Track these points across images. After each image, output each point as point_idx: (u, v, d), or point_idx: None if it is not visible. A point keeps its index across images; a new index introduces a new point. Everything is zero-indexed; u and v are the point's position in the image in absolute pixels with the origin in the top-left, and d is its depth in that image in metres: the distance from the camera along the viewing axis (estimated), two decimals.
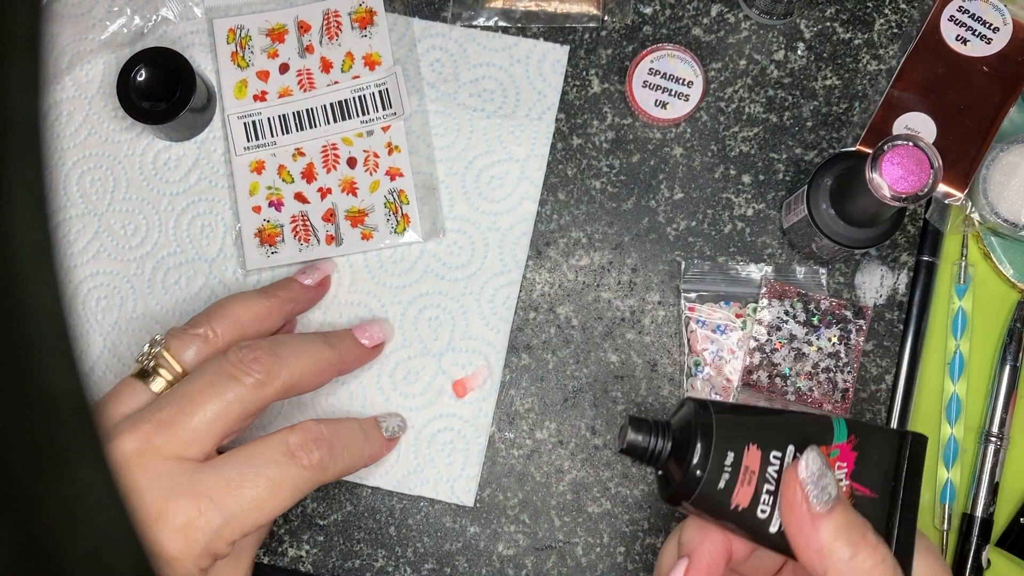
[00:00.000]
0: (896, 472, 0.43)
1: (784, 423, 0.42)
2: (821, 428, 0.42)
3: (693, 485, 0.41)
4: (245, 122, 0.65)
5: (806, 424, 0.42)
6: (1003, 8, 0.63)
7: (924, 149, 0.51)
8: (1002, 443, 0.63)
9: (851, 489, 0.42)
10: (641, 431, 0.42)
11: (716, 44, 0.66)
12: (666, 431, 0.43)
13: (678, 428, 0.43)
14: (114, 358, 0.64)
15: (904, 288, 0.63)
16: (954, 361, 0.64)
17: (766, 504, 0.41)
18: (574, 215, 0.65)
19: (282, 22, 0.66)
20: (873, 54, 0.65)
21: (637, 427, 0.42)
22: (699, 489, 0.41)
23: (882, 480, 0.43)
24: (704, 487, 0.41)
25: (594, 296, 0.64)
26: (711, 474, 0.41)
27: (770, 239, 0.64)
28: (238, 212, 0.65)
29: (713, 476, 0.41)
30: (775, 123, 0.65)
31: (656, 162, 0.65)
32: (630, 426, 0.42)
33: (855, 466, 0.42)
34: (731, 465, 0.41)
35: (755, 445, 0.41)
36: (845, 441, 0.42)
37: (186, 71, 0.62)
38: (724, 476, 0.41)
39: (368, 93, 0.65)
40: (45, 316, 0.17)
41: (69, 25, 0.66)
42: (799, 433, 0.42)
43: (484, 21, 0.66)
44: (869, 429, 0.43)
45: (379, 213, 0.64)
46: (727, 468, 0.41)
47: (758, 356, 0.61)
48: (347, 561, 0.63)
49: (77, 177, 0.66)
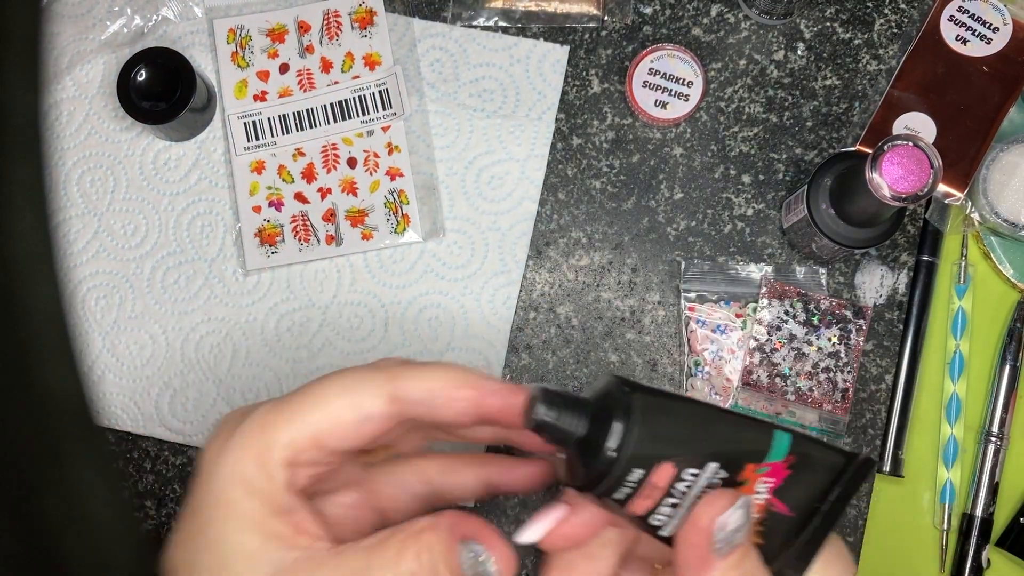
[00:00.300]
0: (826, 495, 0.38)
1: (716, 432, 0.37)
2: (757, 442, 0.37)
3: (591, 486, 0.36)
4: (245, 122, 0.65)
5: (741, 435, 0.37)
6: (1003, 8, 0.63)
7: (924, 149, 0.51)
8: (1002, 443, 0.63)
9: (768, 504, 0.38)
10: (555, 408, 0.36)
11: (716, 44, 0.66)
12: (583, 412, 0.36)
13: (596, 412, 0.37)
14: (113, 358, 0.64)
15: (904, 288, 0.63)
16: (954, 361, 0.64)
17: (663, 515, 0.37)
18: (574, 215, 0.65)
19: (282, 22, 0.66)
20: (873, 54, 0.65)
21: (550, 402, 0.36)
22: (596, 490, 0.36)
23: (807, 501, 0.38)
24: (602, 490, 0.36)
25: (594, 296, 0.64)
26: (613, 483, 0.36)
27: (770, 239, 0.64)
28: (238, 212, 0.65)
29: (613, 485, 0.36)
30: (775, 123, 0.65)
31: (656, 162, 0.65)
32: (542, 400, 0.36)
33: (783, 483, 0.38)
34: (636, 482, 0.36)
35: (671, 463, 0.36)
36: (782, 460, 0.37)
37: (186, 71, 0.62)
38: (625, 489, 0.36)
39: (368, 93, 0.65)
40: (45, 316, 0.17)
41: (69, 25, 0.66)
42: (729, 445, 0.37)
43: (484, 21, 0.66)
44: (815, 449, 0.38)
45: (379, 213, 0.64)
46: (629, 483, 0.36)
47: (758, 356, 0.61)
48: None
49: (77, 177, 0.66)
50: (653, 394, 0.37)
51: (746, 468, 0.37)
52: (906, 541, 0.64)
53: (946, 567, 0.63)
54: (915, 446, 0.64)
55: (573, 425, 0.36)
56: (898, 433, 0.63)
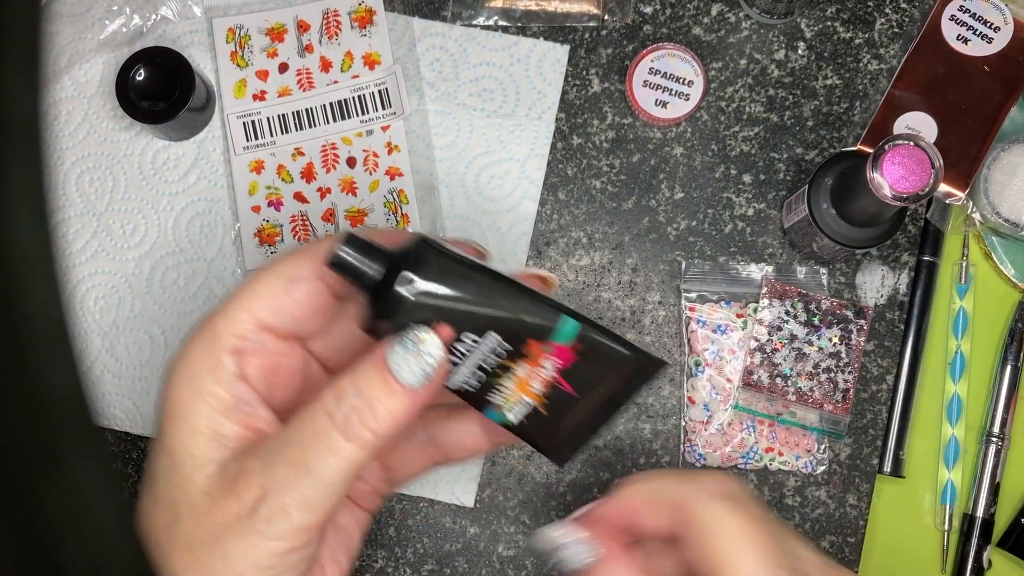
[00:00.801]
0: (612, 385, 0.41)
1: (501, 304, 0.39)
2: (544, 320, 0.39)
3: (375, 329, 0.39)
4: (244, 122, 0.65)
5: (528, 311, 0.39)
6: (1004, 7, 0.63)
7: (925, 149, 0.51)
8: (1003, 443, 0.63)
9: (554, 381, 0.40)
10: (356, 250, 0.38)
11: (716, 43, 0.66)
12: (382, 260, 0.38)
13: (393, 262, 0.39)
14: (112, 358, 0.64)
15: (905, 288, 0.63)
16: (955, 361, 0.64)
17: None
18: (574, 215, 0.65)
19: (281, 21, 0.66)
20: (874, 53, 0.65)
21: (353, 245, 0.38)
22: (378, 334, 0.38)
23: (592, 387, 0.40)
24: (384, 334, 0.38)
25: (594, 296, 0.64)
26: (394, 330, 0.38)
27: (771, 239, 0.64)
28: (237, 212, 0.64)
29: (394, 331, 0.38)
30: (776, 122, 0.65)
31: (656, 162, 0.65)
32: (346, 242, 0.38)
33: (570, 367, 0.40)
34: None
35: (449, 324, 0.38)
36: (568, 344, 0.39)
37: (185, 70, 0.62)
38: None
39: (368, 93, 0.65)
40: (45, 316, 0.17)
41: (68, 24, 0.66)
42: (514, 318, 0.39)
43: (484, 20, 0.66)
44: (605, 339, 0.40)
45: (379, 213, 0.64)
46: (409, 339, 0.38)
47: (759, 356, 0.61)
48: None
49: (76, 177, 0.66)
50: (451, 258, 0.39)
51: (530, 343, 0.39)
52: (907, 542, 0.64)
53: (947, 568, 0.63)
54: (916, 446, 0.64)
55: (370, 269, 0.38)
56: (899, 433, 0.63)
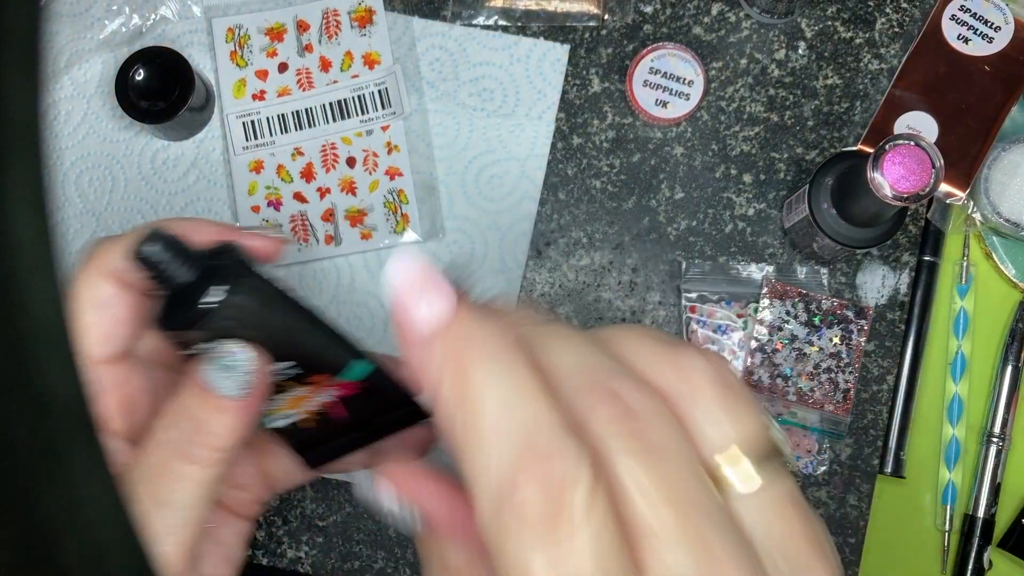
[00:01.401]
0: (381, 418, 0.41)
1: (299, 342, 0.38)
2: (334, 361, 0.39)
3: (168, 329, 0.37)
4: (244, 121, 0.65)
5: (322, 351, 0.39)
6: (1005, 7, 0.63)
7: (926, 148, 0.50)
8: (1004, 444, 0.63)
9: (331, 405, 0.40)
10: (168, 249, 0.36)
11: (717, 43, 0.65)
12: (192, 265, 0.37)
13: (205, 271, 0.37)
14: None
15: (906, 288, 0.63)
16: (956, 361, 0.64)
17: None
18: (574, 215, 0.64)
19: (281, 21, 0.66)
20: (874, 53, 0.65)
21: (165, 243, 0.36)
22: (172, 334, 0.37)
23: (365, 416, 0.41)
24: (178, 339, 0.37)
25: (594, 296, 0.64)
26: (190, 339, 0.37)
27: (771, 239, 0.64)
28: (236, 212, 0.64)
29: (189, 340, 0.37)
30: (776, 122, 0.65)
31: (657, 161, 0.65)
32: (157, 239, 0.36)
33: (352, 396, 0.40)
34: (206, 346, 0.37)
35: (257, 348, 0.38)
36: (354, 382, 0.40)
37: (185, 70, 0.62)
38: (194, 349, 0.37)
39: (367, 92, 0.65)
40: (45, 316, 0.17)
41: (67, 24, 0.66)
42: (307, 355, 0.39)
43: (484, 20, 0.66)
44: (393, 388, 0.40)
45: (378, 213, 0.64)
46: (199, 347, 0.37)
47: (759, 356, 0.61)
48: (346, 563, 0.63)
49: (75, 176, 0.66)
50: (266, 284, 0.38)
51: (317, 376, 0.40)
52: (907, 542, 0.64)
53: (947, 568, 0.63)
54: (916, 447, 0.64)
55: (177, 274, 0.37)
56: (899, 434, 0.63)
